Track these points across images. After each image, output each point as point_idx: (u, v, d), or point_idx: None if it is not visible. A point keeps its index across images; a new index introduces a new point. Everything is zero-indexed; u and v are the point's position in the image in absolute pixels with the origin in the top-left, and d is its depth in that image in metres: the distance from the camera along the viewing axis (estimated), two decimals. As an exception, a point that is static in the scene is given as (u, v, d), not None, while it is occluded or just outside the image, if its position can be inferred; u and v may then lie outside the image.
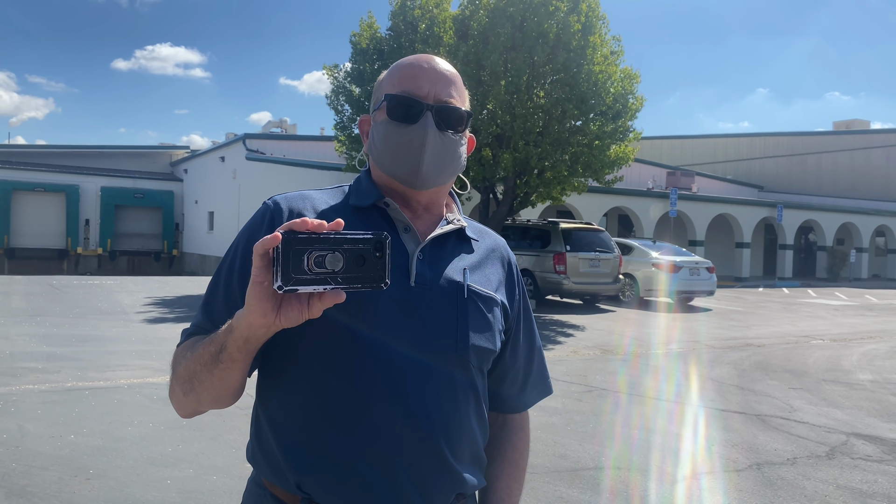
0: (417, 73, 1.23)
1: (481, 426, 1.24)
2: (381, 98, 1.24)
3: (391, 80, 1.25)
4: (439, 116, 1.20)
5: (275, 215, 1.19)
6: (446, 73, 1.24)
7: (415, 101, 1.20)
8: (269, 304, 0.93)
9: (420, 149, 1.18)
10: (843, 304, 18.63)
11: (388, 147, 1.21)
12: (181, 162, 35.81)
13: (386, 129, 1.21)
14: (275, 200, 1.23)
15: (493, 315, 1.24)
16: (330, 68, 16.61)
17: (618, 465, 4.58)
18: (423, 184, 1.21)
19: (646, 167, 34.00)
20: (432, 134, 1.19)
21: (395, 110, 1.20)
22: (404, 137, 1.19)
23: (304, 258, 0.90)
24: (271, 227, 1.17)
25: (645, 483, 4.27)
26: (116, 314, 11.21)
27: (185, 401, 1.13)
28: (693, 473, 4.45)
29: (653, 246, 17.09)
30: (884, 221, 32.59)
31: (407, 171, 1.20)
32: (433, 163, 1.20)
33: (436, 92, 1.21)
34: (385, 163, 1.22)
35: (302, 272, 0.90)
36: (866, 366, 8.83)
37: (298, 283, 0.90)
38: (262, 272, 0.92)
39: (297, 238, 0.90)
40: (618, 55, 13.65)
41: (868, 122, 42.84)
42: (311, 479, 1.12)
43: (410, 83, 1.21)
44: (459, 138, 1.24)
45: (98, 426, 4.96)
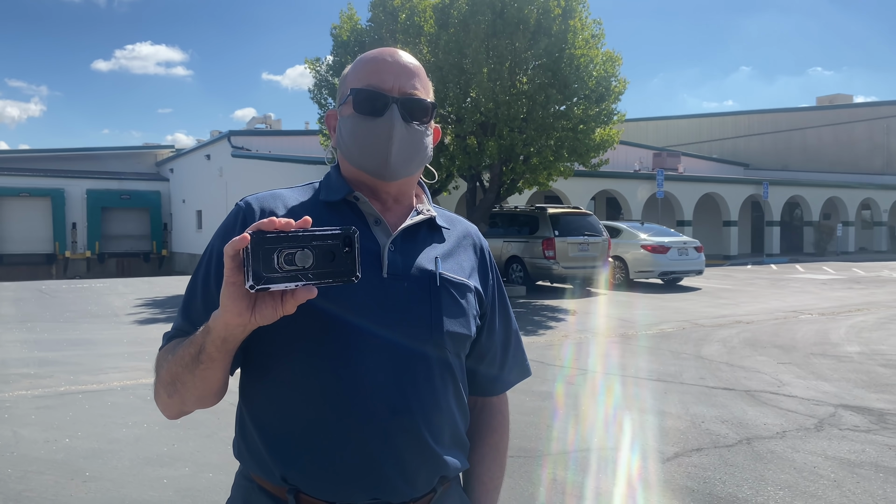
0: (381, 66, 1.25)
1: (461, 410, 1.27)
2: (347, 93, 1.26)
3: (356, 74, 1.27)
4: (405, 108, 1.23)
5: (247, 215, 1.22)
6: (409, 66, 1.26)
7: (380, 94, 1.22)
8: (244, 304, 0.96)
9: (387, 141, 1.21)
10: (831, 278, 18.80)
11: (355, 140, 1.24)
12: (167, 161, 35.61)
13: (353, 122, 1.24)
14: (246, 201, 1.25)
15: (466, 301, 1.27)
16: (312, 62, 16.54)
17: (610, 445, 4.64)
18: (392, 175, 1.24)
19: (632, 149, 34.08)
20: (399, 126, 1.21)
21: (362, 104, 1.22)
22: (371, 130, 1.22)
23: (274, 256, 0.92)
24: (244, 227, 1.19)
25: (637, 461, 4.33)
26: (107, 317, 11.19)
27: (169, 402, 1.16)
28: (684, 450, 4.51)
29: (641, 228, 17.17)
30: (869, 195, 32.83)
31: (375, 164, 1.22)
32: (401, 154, 1.22)
33: (400, 85, 1.23)
34: (353, 156, 1.25)
35: (272, 270, 0.92)
36: (854, 338, 8.94)
37: (270, 282, 0.92)
38: (234, 273, 0.94)
39: (266, 237, 0.92)
40: (599, 38, 13.66)
41: (851, 97, 43.07)
42: (295, 471, 1.15)
43: (375, 77, 1.23)
44: (425, 129, 1.27)
45: (92, 429, 4.97)
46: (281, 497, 1.17)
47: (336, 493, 1.14)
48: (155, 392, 1.18)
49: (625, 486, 3.94)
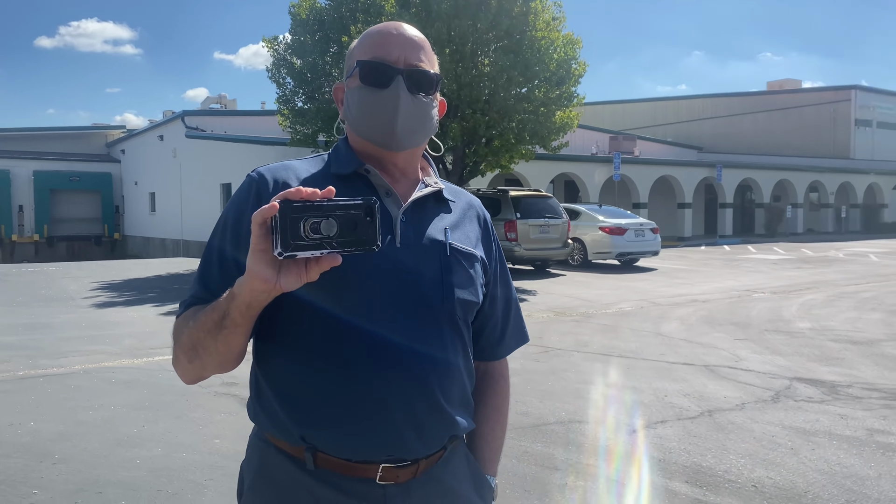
0: (387, 39, 1.28)
1: (468, 373, 1.32)
2: (354, 65, 1.29)
3: (362, 47, 1.30)
4: (410, 80, 1.26)
5: (260, 186, 1.24)
6: (415, 39, 1.30)
7: (386, 65, 1.25)
8: (270, 270, 0.99)
9: (394, 111, 1.24)
10: (782, 258, 19.38)
11: (362, 111, 1.26)
12: (117, 142, 34.70)
13: (360, 94, 1.26)
14: (259, 172, 1.27)
15: (474, 270, 1.32)
16: (269, 41, 16.28)
17: (578, 419, 4.76)
18: (399, 145, 1.27)
19: (589, 133, 34.41)
20: (404, 97, 1.24)
21: (368, 76, 1.25)
22: (377, 101, 1.25)
23: (301, 225, 0.96)
24: (258, 197, 1.22)
25: (605, 434, 4.46)
26: (63, 300, 10.93)
27: (189, 367, 1.18)
28: (649, 423, 4.66)
29: (599, 210, 17.42)
30: (817, 177, 33.83)
31: (382, 134, 1.26)
32: (407, 125, 1.26)
33: (406, 56, 1.26)
34: (361, 127, 1.28)
35: (299, 238, 0.96)
36: (805, 315, 9.27)
37: (297, 249, 0.96)
38: (261, 240, 0.97)
39: (293, 206, 0.96)
40: (560, 21, 13.74)
41: (799, 82, 44.21)
42: (314, 430, 1.18)
43: (381, 49, 1.26)
44: (431, 101, 1.30)
45: (57, 412, 4.90)
46: (298, 456, 1.20)
47: (353, 451, 1.19)
48: (174, 358, 1.20)
49: (594, 458, 4.06)
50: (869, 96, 39.38)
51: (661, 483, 3.68)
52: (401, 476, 1.21)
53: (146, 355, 6.80)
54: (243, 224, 1.20)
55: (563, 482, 3.70)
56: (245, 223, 1.20)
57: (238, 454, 3.99)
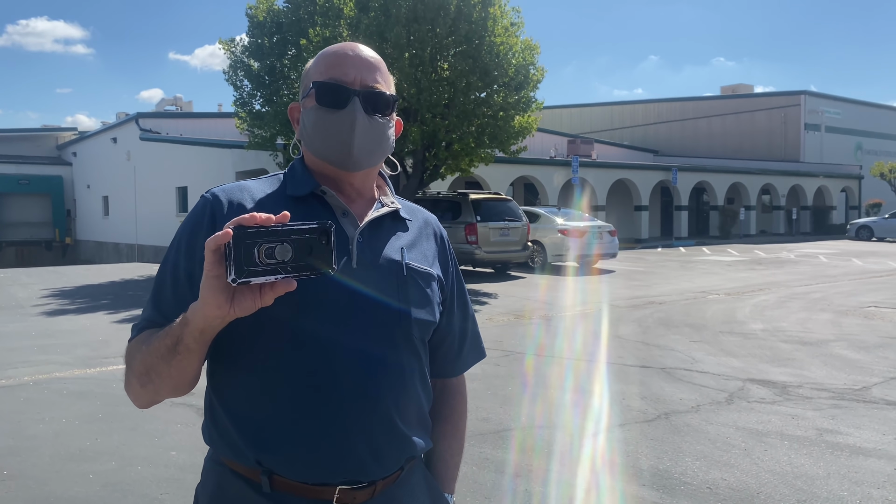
0: (343, 60, 1.28)
1: (425, 392, 1.32)
2: (310, 86, 1.29)
3: (318, 68, 1.30)
4: (366, 101, 1.26)
5: (215, 207, 1.23)
6: (371, 60, 1.30)
7: (342, 87, 1.25)
8: (224, 296, 0.98)
9: (350, 132, 1.24)
10: (735, 260, 19.82)
11: (318, 132, 1.26)
12: (69, 145, 33.85)
13: (316, 115, 1.26)
14: (213, 193, 1.26)
15: (431, 289, 1.32)
16: (226, 42, 16.07)
17: (538, 424, 4.80)
18: (355, 166, 1.27)
19: (548, 136, 34.76)
20: (361, 118, 1.25)
21: (324, 97, 1.25)
22: (334, 122, 1.25)
23: (255, 251, 0.96)
24: (213, 218, 1.21)
25: (565, 439, 4.50)
26: (11, 308, 10.62)
27: (142, 392, 1.16)
28: (608, 426, 4.72)
29: (558, 213, 17.59)
30: (768, 180, 34.67)
31: (339, 154, 1.26)
32: (363, 146, 1.26)
33: (362, 78, 1.27)
34: (317, 147, 1.28)
35: (253, 264, 0.95)
36: (758, 316, 9.49)
37: (251, 275, 0.95)
38: (214, 266, 0.97)
39: (247, 232, 0.95)
40: (518, 26, 13.83)
41: (752, 87, 45.29)
42: (270, 453, 1.17)
43: (337, 70, 1.27)
44: (387, 121, 1.31)
45: (6, 426, 4.76)
46: (254, 479, 1.19)
47: (309, 473, 1.18)
48: (126, 382, 1.18)
49: (551, 462, 4.09)
50: (818, 101, 40.55)
51: (620, 487, 3.73)
52: (357, 498, 1.21)
53: (99, 365, 6.65)
54: (197, 246, 1.19)
55: (524, 488, 3.73)
56: (199, 245, 1.18)
57: (195, 466, 3.93)
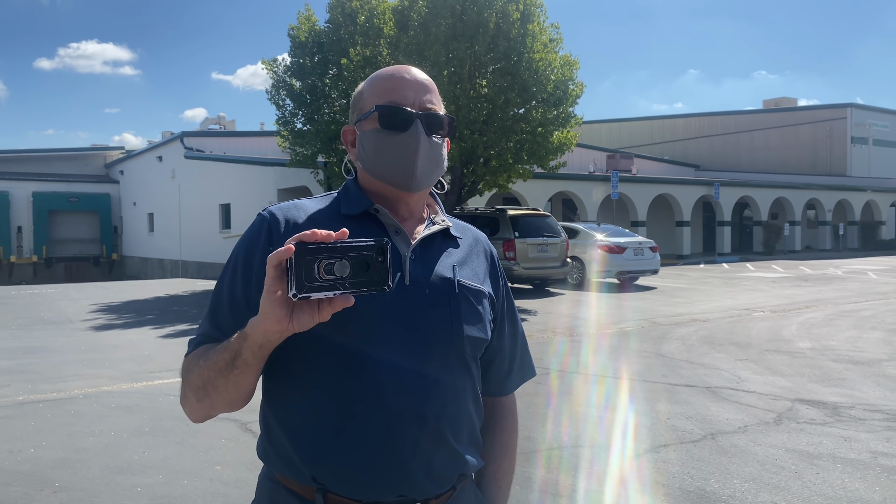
0: (401, 83, 1.31)
1: (477, 410, 1.32)
2: (367, 109, 1.31)
3: (374, 91, 1.32)
4: (427, 123, 1.28)
5: (272, 225, 1.25)
6: (426, 83, 1.33)
7: (404, 110, 1.27)
8: (283, 311, 1.00)
9: (413, 154, 1.26)
10: (780, 276, 19.40)
11: (380, 154, 1.28)
12: (116, 163, 34.81)
13: (377, 137, 1.28)
14: (270, 211, 1.29)
15: (482, 307, 1.32)
16: (269, 63, 16.41)
17: (580, 444, 4.74)
18: (417, 186, 1.29)
19: (586, 151, 34.61)
20: (423, 140, 1.27)
21: (387, 120, 1.27)
22: (397, 144, 1.27)
23: (315, 267, 0.98)
24: (269, 236, 1.23)
25: (608, 458, 4.44)
26: (62, 323, 10.91)
27: (198, 406, 1.19)
28: (652, 447, 4.64)
29: (597, 228, 17.47)
30: (814, 195, 33.95)
31: (401, 176, 1.28)
32: (425, 166, 1.28)
33: (420, 100, 1.30)
34: (379, 170, 1.29)
35: (313, 280, 0.98)
36: (805, 334, 9.26)
37: (311, 291, 0.97)
38: (275, 282, 0.99)
39: (308, 248, 0.98)
40: (557, 42, 13.86)
41: (795, 100, 44.55)
42: (324, 471, 1.18)
43: (396, 94, 1.29)
44: (443, 142, 1.33)
45: (57, 438, 4.87)
46: (308, 497, 1.20)
47: (364, 491, 1.19)
48: (182, 396, 1.20)
49: (596, 483, 4.04)
50: (864, 114, 39.67)
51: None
52: (411, 516, 1.21)
53: (145, 379, 6.78)
54: (254, 263, 1.21)
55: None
56: (256, 262, 1.21)
57: (239, 481, 3.99)
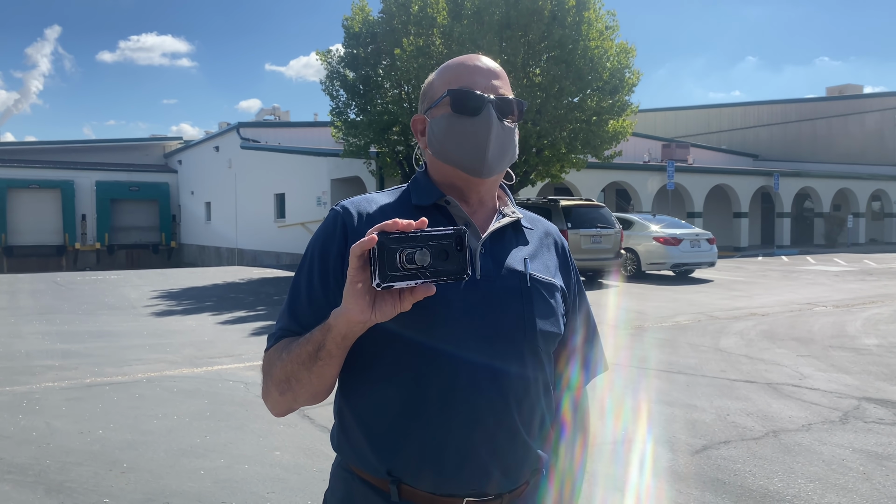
0: (472, 70, 1.31)
1: (549, 405, 1.31)
2: (439, 95, 1.30)
3: (446, 78, 1.32)
4: (498, 107, 1.27)
5: (346, 219, 1.26)
6: (496, 70, 1.33)
7: (476, 94, 1.27)
8: (366, 301, 1.01)
9: (486, 138, 1.26)
10: (843, 270, 18.77)
11: (452, 139, 1.28)
12: (175, 153, 35.71)
13: (449, 122, 1.28)
14: (343, 206, 1.29)
15: (555, 300, 1.31)
16: (323, 53, 16.56)
17: (638, 438, 4.67)
18: (489, 171, 1.28)
19: (640, 140, 33.99)
20: (495, 124, 1.27)
21: (459, 104, 1.27)
22: (469, 129, 1.26)
23: (397, 256, 0.98)
24: (344, 229, 1.24)
25: (666, 454, 4.37)
26: (125, 308, 11.27)
27: (280, 400, 1.20)
28: (712, 443, 4.55)
29: (653, 219, 17.15)
30: (880, 185, 32.69)
31: (473, 160, 1.27)
32: (496, 151, 1.28)
33: (492, 86, 1.29)
34: (450, 154, 1.28)
35: (396, 269, 0.98)
36: (871, 330, 8.94)
37: (394, 280, 0.98)
38: (359, 272, 0.99)
39: (390, 238, 0.98)
40: (613, 30, 13.64)
41: (860, 87, 42.77)
42: (399, 463, 1.19)
43: (467, 79, 1.29)
44: (514, 127, 1.32)
45: (124, 420, 5.03)
46: (383, 488, 1.21)
47: (438, 485, 1.19)
48: (264, 390, 1.22)
49: (656, 479, 3.98)
50: (935, 101, 37.91)
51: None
52: (485, 510, 1.20)
53: (206, 364, 6.95)
54: (330, 257, 1.22)
55: (626, 503, 3.64)
56: (332, 256, 1.22)
57: (298, 467, 4.06)
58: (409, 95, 14.94)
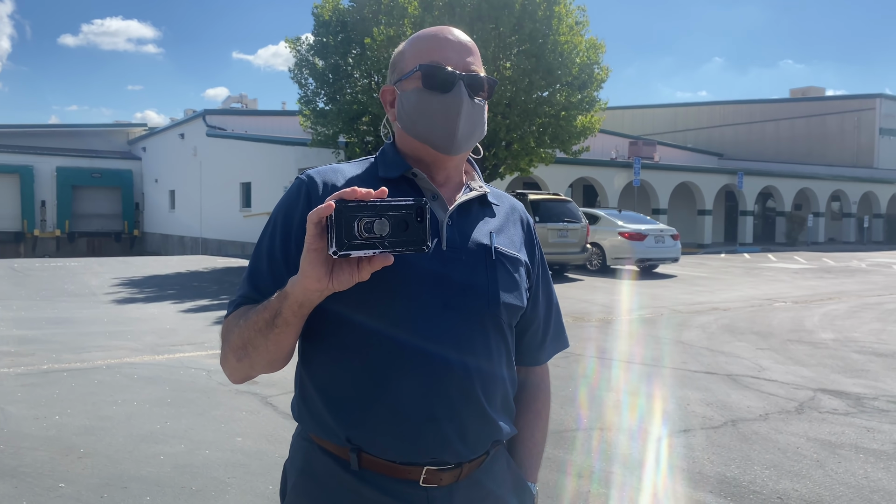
0: (444, 44, 1.28)
1: (511, 378, 1.31)
2: (409, 68, 1.28)
3: (417, 50, 1.30)
4: (470, 85, 1.26)
5: (310, 188, 1.24)
6: (468, 45, 1.31)
7: (448, 70, 1.25)
8: (323, 269, 1.00)
9: (456, 116, 1.25)
10: (803, 268, 19.18)
11: (422, 115, 1.26)
12: (139, 140, 35.04)
13: (419, 97, 1.26)
14: (308, 175, 1.28)
15: (519, 274, 1.31)
16: (292, 41, 16.38)
17: (599, 426, 4.73)
18: (457, 149, 1.27)
19: (609, 137, 34.31)
20: (466, 101, 1.25)
21: (430, 80, 1.25)
22: (439, 105, 1.25)
23: (355, 224, 0.97)
24: (308, 199, 1.22)
25: (627, 441, 4.43)
26: (85, 296, 11.05)
27: (238, 366, 1.18)
28: (672, 431, 4.62)
29: (618, 215, 17.34)
30: (839, 186, 33.46)
31: (443, 137, 1.26)
32: (465, 128, 1.26)
33: (464, 62, 1.27)
34: (419, 130, 1.27)
35: (353, 238, 0.97)
36: (828, 326, 9.16)
37: (351, 249, 0.96)
38: (316, 239, 0.98)
39: (348, 206, 0.97)
40: (583, 25, 13.71)
41: (823, 90, 43.77)
42: (359, 432, 1.18)
43: (439, 54, 1.27)
44: (484, 104, 1.31)
45: (81, 406, 4.94)
46: (343, 457, 1.20)
47: (398, 453, 1.18)
48: (222, 357, 1.20)
49: (617, 466, 4.03)
50: (894, 105, 38.91)
51: (687, 493, 3.64)
52: (444, 479, 1.21)
53: (167, 352, 6.85)
54: (293, 225, 1.21)
55: (587, 489, 3.68)
56: (295, 223, 1.20)
57: (260, 453, 4.03)
58: (378, 85, 14.86)
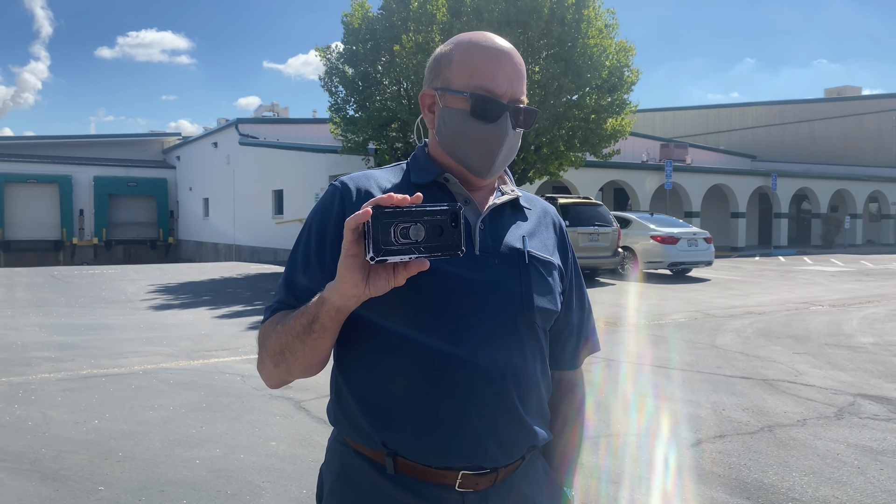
0: (497, 70, 1.25)
1: (546, 382, 1.31)
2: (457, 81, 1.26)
3: (468, 67, 1.26)
4: (515, 117, 1.26)
5: (344, 194, 1.26)
6: (520, 70, 1.28)
7: (497, 102, 1.24)
8: (360, 275, 1.01)
9: (498, 147, 1.26)
10: (840, 271, 18.80)
11: (463, 139, 1.26)
12: (173, 149, 35.64)
13: (463, 122, 1.25)
14: (342, 181, 1.29)
15: (552, 278, 1.31)
16: (322, 50, 16.54)
17: (633, 432, 4.68)
18: (492, 175, 1.30)
19: (639, 140, 34.03)
20: (509, 133, 1.26)
21: (479, 110, 1.24)
22: (482, 134, 1.25)
23: (392, 230, 0.98)
24: (342, 205, 1.23)
25: (662, 447, 4.38)
26: (121, 302, 11.25)
27: (275, 371, 1.20)
28: (707, 437, 4.56)
29: (650, 218, 17.16)
30: (877, 187, 32.75)
31: (480, 163, 1.27)
32: (504, 157, 1.29)
33: (512, 91, 1.26)
34: (458, 152, 1.28)
35: (390, 243, 0.98)
36: (867, 329, 8.96)
37: (388, 254, 0.98)
38: (353, 245, 0.99)
39: (385, 212, 0.98)
40: (612, 28, 13.64)
41: (859, 89, 42.87)
42: (395, 436, 1.19)
43: (490, 81, 1.24)
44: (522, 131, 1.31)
45: (119, 411, 5.03)
46: (379, 461, 1.21)
47: (433, 457, 1.19)
48: (259, 362, 1.22)
49: (652, 471, 3.99)
50: (933, 103, 37.97)
51: (723, 499, 3.59)
52: (480, 484, 1.21)
53: (202, 357, 6.95)
54: (327, 231, 1.22)
55: (622, 495, 3.65)
56: (329, 230, 1.22)
57: (293, 457, 4.06)
58: (408, 92, 14.93)
